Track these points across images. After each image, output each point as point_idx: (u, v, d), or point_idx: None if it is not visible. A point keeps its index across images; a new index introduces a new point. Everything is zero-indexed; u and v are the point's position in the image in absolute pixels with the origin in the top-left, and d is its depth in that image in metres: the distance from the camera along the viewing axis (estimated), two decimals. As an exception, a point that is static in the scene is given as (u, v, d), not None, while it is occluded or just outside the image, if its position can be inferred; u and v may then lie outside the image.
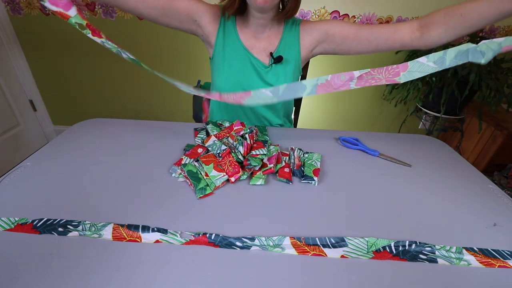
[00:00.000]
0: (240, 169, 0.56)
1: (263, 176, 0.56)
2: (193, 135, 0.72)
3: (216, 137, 0.65)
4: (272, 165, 0.58)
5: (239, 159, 0.60)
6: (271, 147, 0.65)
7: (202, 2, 0.72)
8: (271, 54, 0.73)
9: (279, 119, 0.87)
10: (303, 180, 0.57)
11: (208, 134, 0.70)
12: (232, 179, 0.55)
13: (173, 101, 1.78)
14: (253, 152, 0.61)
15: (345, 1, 1.43)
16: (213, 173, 0.55)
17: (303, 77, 1.01)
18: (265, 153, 0.61)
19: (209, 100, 0.95)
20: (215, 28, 0.73)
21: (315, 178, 0.57)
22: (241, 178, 0.56)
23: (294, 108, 1.02)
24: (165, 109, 1.82)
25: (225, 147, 0.61)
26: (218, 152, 0.61)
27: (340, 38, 0.71)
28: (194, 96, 1.00)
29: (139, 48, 1.59)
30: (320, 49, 0.76)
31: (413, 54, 1.44)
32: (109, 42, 0.64)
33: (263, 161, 0.60)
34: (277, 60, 0.73)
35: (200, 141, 0.68)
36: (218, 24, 0.73)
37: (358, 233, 0.45)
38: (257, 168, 0.58)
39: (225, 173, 0.56)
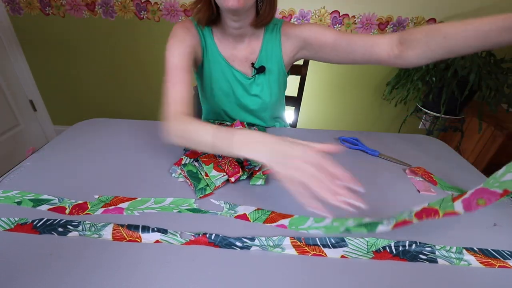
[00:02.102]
0: (240, 169, 0.56)
1: (263, 176, 0.56)
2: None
3: None
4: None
5: (239, 159, 0.60)
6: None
7: (184, 32, 0.64)
8: (252, 64, 0.70)
9: (266, 124, 0.85)
10: None
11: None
12: (232, 179, 0.55)
13: (173, 101, 1.78)
14: None
15: (345, 1, 1.43)
16: (213, 173, 0.55)
17: (303, 76, 1.01)
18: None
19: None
20: (200, 46, 0.68)
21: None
22: (241, 178, 0.56)
23: (285, 107, 1.01)
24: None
25: None
26: (218, 154, 0.61)
27: (317, 45, 0.66)
28: (194, 96, 1.00)
29: (139, 48, 1.59)
30: (301, 55, 0.72)
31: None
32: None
33: None
34: (260, 70, 0.70)
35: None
36: (199, 39, 0.67)
37: (358, 233, 0.45)
38: (257, 168, 0.58)
39: (225, 173, 0.55)
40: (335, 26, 1.49)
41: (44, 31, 1.54)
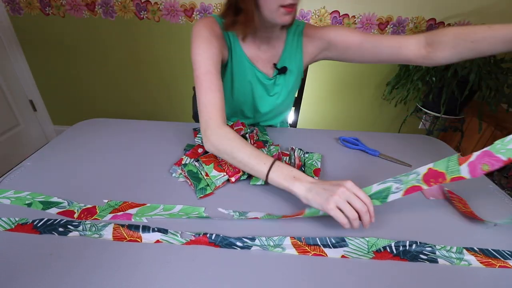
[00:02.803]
0: (240, 169, 0.56)
1: None
2: (193, 135, 0.72)
3: None
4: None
5: None
6: (272, 147, 0.65)
7: (210, 34, 0.61)
8: (274, 65, 0.71)
9: (275, 124, 0.87)
10: None
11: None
12: (233, 179, 0.55)
13: (173, 101, 1.78)
14: None
15: (345, 1, 1.43)
16: (214, 173, 0.55)
17: (303, 77, 1.01)
18: (265, 152, 0.61)
19: None
20: (226, 46, 0.67)
21: (316, 178, 0.57)
22: (241, 178, 0.56)
23: (292, 108, 1.02)
24: (165, 109, 1.82)
25: None
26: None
27: (343, 47, 0.67)
28: (194, 96, 1.00)
29: (139, 48, 1.59)
30: (322, 56, 0.73)
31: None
32: None
33: None
34: (282, 71, 0.71)
35: (200, 141, 0.68)
36: (225, 39, 0.66)
37: (358, 233, 0.45)
38: None
39: (225, 173, 0.55)
40: (335, 26, 1.49)
41: (44, 31, 1.54)
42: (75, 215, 0.46)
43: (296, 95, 1.04)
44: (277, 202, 0.52)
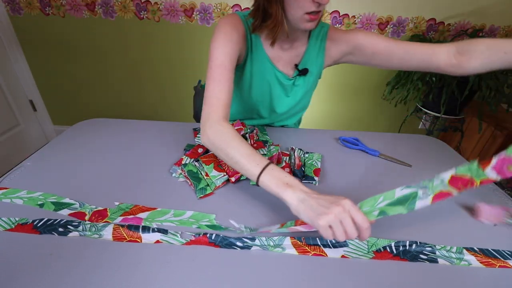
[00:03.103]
0: None
1: None
2: (193, 135, 0.72)
3: None
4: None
5: None
6: (272, 147, 0.65)
7: (232, 29, 0.61)
8: (296, 66, 0.70)
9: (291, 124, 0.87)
10: (303, 180, 0.57)
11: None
12: (233, 179, 0.55)
13: (173, 101, 1.78)
14: None
15: (345, 1, 1.43)
16: (214, 173, 0.55)
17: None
18: (265, 153, 0.61)
19: None
20: (245, 45, 0.66)
21: (316, 178, 0.57)
22: (241, 178, 0.56)
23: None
24: (165, 109, 1.82)
25: None
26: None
27: (370, 52, 0.66)
28: (195, 96, 1.00)
29: (139, 48, 1.59)
30: (345, 59, 0.72)
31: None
32: None
33: None
34: (302, 72, 0.70)
35: (200, 141, 0.68)
36: (246, 38, 0.65)
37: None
38: None
39: (225, 173, 0.55)
40: (335, 26, 1.49)
41: (44, 31, 1.54)
42: (86, 217, 0.46)
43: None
44: (277, 203, 0.51)
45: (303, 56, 0.70)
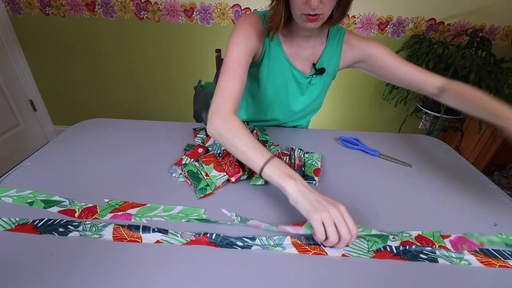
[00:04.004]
0: (241, 169, 0.56)
1: None
2: (193, 135, 0.72)
3: None
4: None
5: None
6: (272, 147, 0.65)
7: (251, 27, 0.63)
8: (313, 65, 0.71)
9: (302, 124, 0.88)
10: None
11: (208, 135, 0.70)
12: (233, 179, 0.55)
13: (173, 101, 1.78)
14: None
15: (345, 1, 1.43)
16: (214, 173, 0.55)
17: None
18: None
19: None
20: (262, 43, 0.67)
21: (316, 178, 0.57)
22: (241, 178, 0.56)
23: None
24: (165, 109, 1.82)
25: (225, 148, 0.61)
26: (218, 152, 0.61)
27: (378, 66, 0.71)
28: (195, 96, 1.00)
29: (139, 48, 1.59)
30: (356, 66, 0.76)
31: (413, 54, 1.44)
32: None
33: None
34: (320, 72, 0.71)
35: (200, 141, 0.68)
36: (263, 36, 0.67)
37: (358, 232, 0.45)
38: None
39: (225, 173, 0.55)
40: (335, 26, 1.50)
41: (44, 31, 1.54)
42: (76, 214, 0.46)
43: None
44: (277, 203, 0.52)
45: (321, 55, 0.71)
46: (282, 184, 0.45)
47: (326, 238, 0.41)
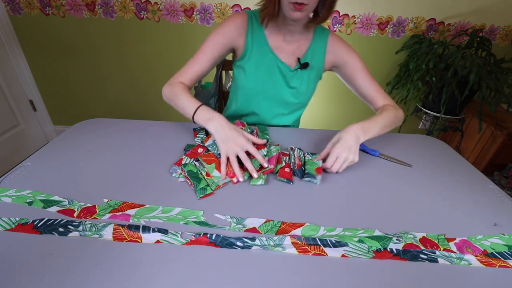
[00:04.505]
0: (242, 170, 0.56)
1: (263, 176, 0.56)
2: (193, 135, 0.72)
3: None
4: (272, 166, 0.58)
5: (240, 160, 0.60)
6: (272, 147, 0.65)
7: (230, 24, 0.71)
8: (298, 59, 0.75)
9: (289, 122, 0.88)
10: (305, 177, 0.57)
11: (207, 134, 0.70)
12: (235, 179, 0.55)
13: (173, 101, 1.78)
14: None
15: (345, 1, 1.43)
16: (215, 173, 0.55)
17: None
18: (265, 153, 0.61)
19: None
20: (244, 37, 0.73)
21: (318, 177, 0.57)
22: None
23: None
24: (165, 109, 1.82)
25: None
26: (218, 152, 0.61)
27: (350, 75, 0.77)
28: (195, 96, 1.00)
29: (139, 48, 1.59)
30: (333, 69, 0.81)
31: (413, 54, 1.44)
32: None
33: None
34: (304, 66, 0.75)
35: (199, 141, 0.68)
36: (246, 31, 0.73)
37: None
38: (257, 168, 0.58)
39: (226, 175, 0.56)
40: (335, 26, 1.49)
41: (44, 31, 1.54)
42: (75, 214, 0.46)
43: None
44: (277, 203, 0.52)
45: (306, 51, 0.75)
46: (206, 126, 0.61)
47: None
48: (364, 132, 0.63)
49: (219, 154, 0.60)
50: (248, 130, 0.70)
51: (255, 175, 0.55)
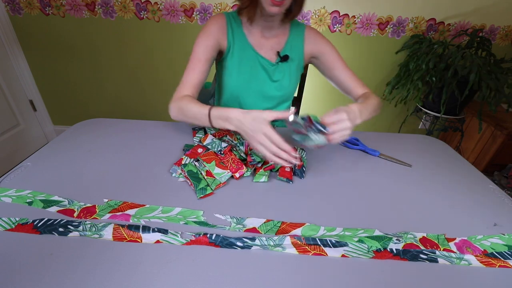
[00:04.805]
0: (243, 166, 0.57)
1: (266, 173, 0.56)
2: (192, 135, 0.72)
3: (214, 136, 0.65)
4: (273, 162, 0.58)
5: (241, 156, 0.60)
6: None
7: (213, 25, 0.74)
8: (278, 53, 0.78)
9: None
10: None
11: (205, 133, 0.70)
12: (237, 174, 0.55)
13: (173, 101, 1.78)
14: None
15: (345, 1, 1.43)
16: (217, 170, 0.55)
17: (303, 76, 1.01)
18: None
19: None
20: (225, 36, 0.75)
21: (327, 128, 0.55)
22: (245, 175, 0.57)
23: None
24: (165, 109, 1.81)
25: (226, 145, 0.61)
26: (219, 149, 0.61)
27: (328, 66, 0.80)
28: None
29: (139, 48, 1.59)
30: (312, 61, 0.84)
31: (413, 54, 1.44)
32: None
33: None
34: (284, 58, 0.78)
35: (197, 140, 0.68)
36: (226, 31, 0.75)
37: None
38: (259, 165, 0.58)
39: (228, 170, 0.56)
40: (335, 26, 1.49)
41: (44, 31, 1.54)
42: (75, 214, 0.46)
43: (296, 95, 1.04)
44: (277, 202, 0.52)
45: (285, 44, 0.78)
46: (227, 127, 0.58)
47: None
48: (360, 113, 0.61)
49: (219, 151, 0.61)
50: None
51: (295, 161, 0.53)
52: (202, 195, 0.51)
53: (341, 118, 0.55)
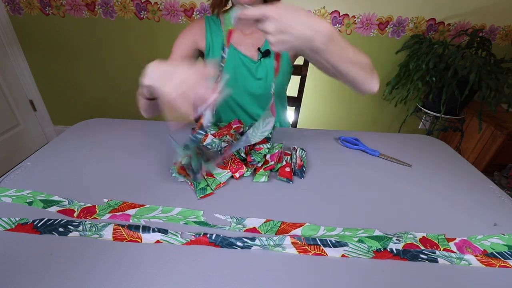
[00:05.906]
0: (243, 166, 0.56)
1: (266, 173, 0.56)
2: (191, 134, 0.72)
3: (214, 136, 0.65)
4: (273, 162, 0.58)
5: (241, 156, 0.60)
6: (275, 144, 0.66)
7: (191, 27, 0.76)
8: (258, 49, 0.76)
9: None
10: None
11: (205, 133, 0.70)
12: (237, 174, 0.55)
13: (173, 101, 1.78)
14: (257, 147, 0.62)
15: (345, 1, 1.43)
16: (217, 170, 0.55)
17: (303, 76, 1.01)
18: (268, 147, 0.61)
19: None
20: (204, 37, 0.76)
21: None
22: (245, 175, 0.57)
23: (287, 109, 1.02)
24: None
25: (226, 144, 0.61)
26: (219, 149, 0.61)
27: (313, 57, 0.73)
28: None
29: (139, 48, 1.59)
30: (301, 52, 0.76)
31: (413, 54, 1.44)
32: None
33: (266, 158, 0.60)
34: (265, 54, 0.76)
35: (197, 140, 0.68)
36: (205, 32, 0.76)
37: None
38: (259, 165, 0.58)
39: (228, 170, 0.56)
40: (335, 26, 1.49)
41: (44, 31, 1.54)
42: (75, 214, 0.46)
43: (296, 95, 1.04)
44: (277, 202, 0.52)
45: (265, 40, 0.76)
46: (144, 84, 0.51)
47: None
48: (334, 36, 0.48)
49: (219, 151, 0.60)
50: (247, 128, 0.70)
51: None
52: (202, 195, 0.51)
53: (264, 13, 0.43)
